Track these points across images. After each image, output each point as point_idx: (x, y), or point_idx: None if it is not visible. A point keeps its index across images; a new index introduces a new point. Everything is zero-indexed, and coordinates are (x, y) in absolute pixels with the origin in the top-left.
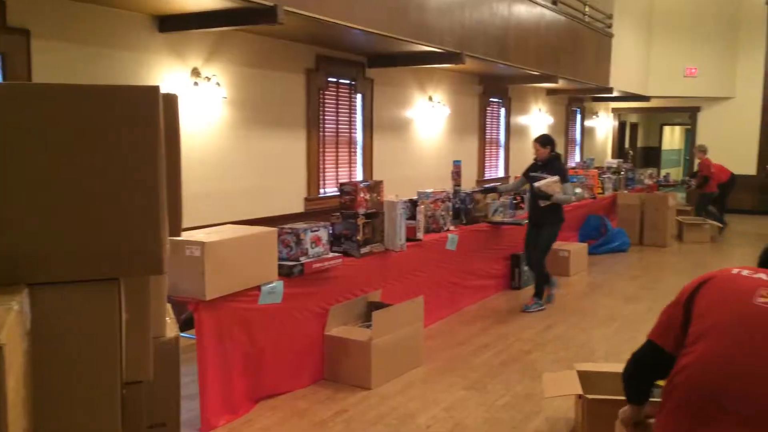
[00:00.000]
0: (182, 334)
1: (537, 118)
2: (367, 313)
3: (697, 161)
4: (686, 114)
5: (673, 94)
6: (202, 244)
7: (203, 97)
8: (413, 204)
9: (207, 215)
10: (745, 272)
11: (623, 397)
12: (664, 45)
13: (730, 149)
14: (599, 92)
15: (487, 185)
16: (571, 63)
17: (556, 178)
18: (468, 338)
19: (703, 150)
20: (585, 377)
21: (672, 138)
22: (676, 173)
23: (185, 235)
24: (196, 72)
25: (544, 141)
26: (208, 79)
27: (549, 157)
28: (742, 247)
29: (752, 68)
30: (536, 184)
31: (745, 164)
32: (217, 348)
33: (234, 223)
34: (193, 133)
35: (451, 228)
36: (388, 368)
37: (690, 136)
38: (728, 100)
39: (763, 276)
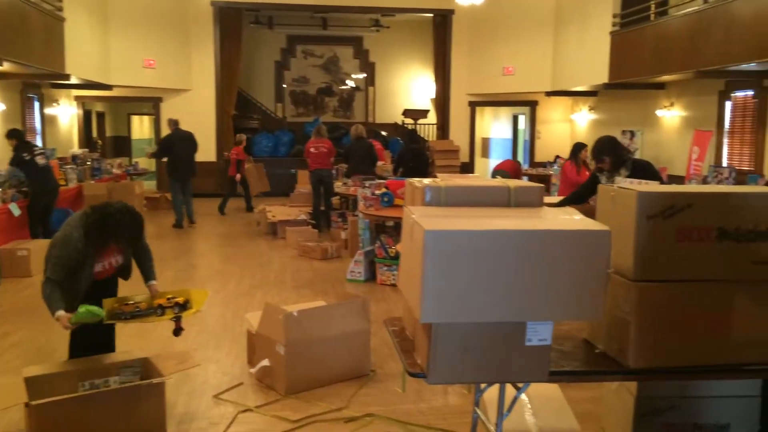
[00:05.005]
0: None
1: None
2: None
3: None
4: (151, 104)
5: (134, 84)
6: None
7: None
8: None
9: None
10: None
11: (72, 395)
12: (121, 35)
13: None
14: (56, 78)
15: None
16: (18, 45)
17: None
18: None
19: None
20: (35, 382)
21: (141, 127)
22: (148, 162)
23: None
24: None
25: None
26: None
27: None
28: (206, 228)
29: (205, 63)
30: None
31: (206, 152)
32: None
33: None
34: None
35: None
36: None
37: (156, 125)
38: (186, 92)
39: None
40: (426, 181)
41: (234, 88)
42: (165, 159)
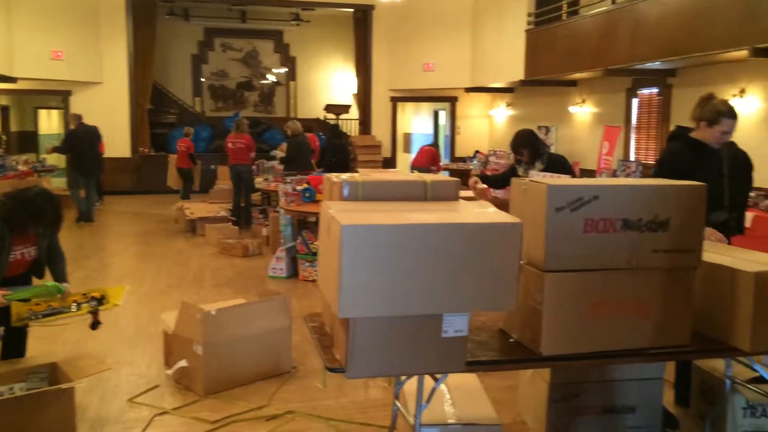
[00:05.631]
0: None
1: None
2: None
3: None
4: (59, 97)
5: (41, 76)
6: None
7: None
8: None
9: None
10: None
11: None
12: (26, 25)
13: (105, 133)
14: None
15: None
16: None
17: None
18: None
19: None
20: None
21: (50, 122)
22: (58, 158)
23: None
24: None
25: None
26: None
27: None
28: (120, 227)
29: (117, 55)
30: None
31: (120, 147)
32: None
33: None
34: None
35: None
36: None
37: (65, 120)
38: (98, 85)
39: None
40: (344, 176)
41: (149, 82)
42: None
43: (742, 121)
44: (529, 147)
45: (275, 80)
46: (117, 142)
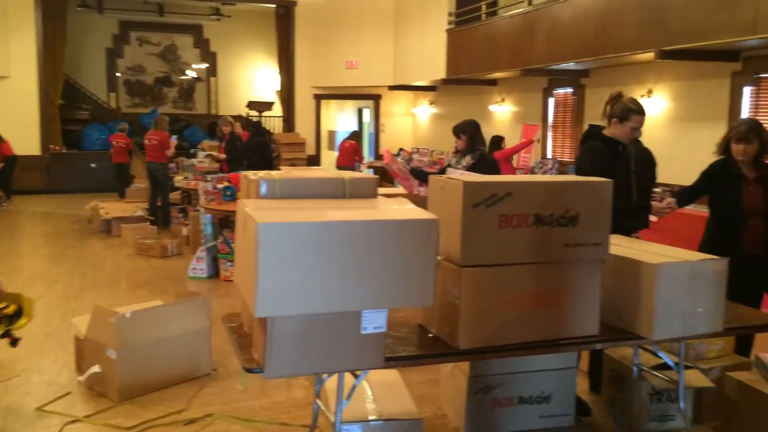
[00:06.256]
0: None
1: None
2: None
3: None
4: None
5: None
6: None
7: None
8: None
9: None
10: None
11: None
12: None
13: (12, 130)
14: None
15: None
16: None
17: None
18: None
19: None
20: None
21: None
22: None
23: None
24: None
25: None
26: None
27: None
28: (30, 227)
29: (25, 48)
30: None
31: (29, 145)
32: None
33: None
34: None
35: None
36: None
37: None
38: (4, 79)
39: None
40: (261, 173)
41: (60, 76)
42: None
43: (649, 120)
44: (467, 134)
45: (195, 76)
46: (26, 140)
